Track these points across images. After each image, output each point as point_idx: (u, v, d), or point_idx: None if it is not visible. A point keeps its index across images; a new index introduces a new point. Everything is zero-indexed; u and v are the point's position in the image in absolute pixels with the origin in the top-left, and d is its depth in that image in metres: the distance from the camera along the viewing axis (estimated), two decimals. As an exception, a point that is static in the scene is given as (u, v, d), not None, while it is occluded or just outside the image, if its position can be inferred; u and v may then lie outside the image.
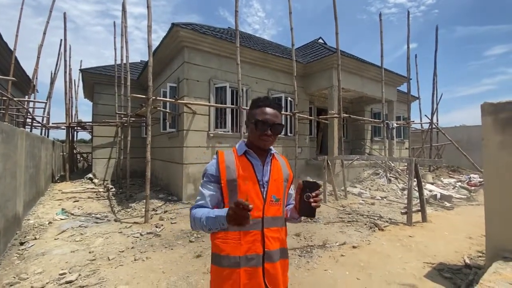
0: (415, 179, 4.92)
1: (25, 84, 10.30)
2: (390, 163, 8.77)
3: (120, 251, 3.38)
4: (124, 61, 7.78)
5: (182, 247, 3.59)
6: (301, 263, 3.09)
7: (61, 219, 4.84)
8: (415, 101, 12.90)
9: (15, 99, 6.74)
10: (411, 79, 10.35)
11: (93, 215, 5.14)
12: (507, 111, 2.37)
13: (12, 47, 6.97)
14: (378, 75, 9.14)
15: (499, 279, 1.83)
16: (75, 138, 13.16)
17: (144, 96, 5.19)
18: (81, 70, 10.20)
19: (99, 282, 2.61)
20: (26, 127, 8.44)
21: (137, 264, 3.04)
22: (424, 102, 21.70)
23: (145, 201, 4.83)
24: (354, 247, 3.56)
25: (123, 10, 7.33)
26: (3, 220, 3.28)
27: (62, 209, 5.43)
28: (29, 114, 8.29)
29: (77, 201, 6.35)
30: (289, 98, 8.40)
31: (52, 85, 10.32)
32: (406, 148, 12.50)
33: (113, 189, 7.93)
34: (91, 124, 10.33)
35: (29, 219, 4.67)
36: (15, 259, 3.10)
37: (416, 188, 5.01)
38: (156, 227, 4.40)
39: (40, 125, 9.57)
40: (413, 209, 4.72)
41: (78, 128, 12.16)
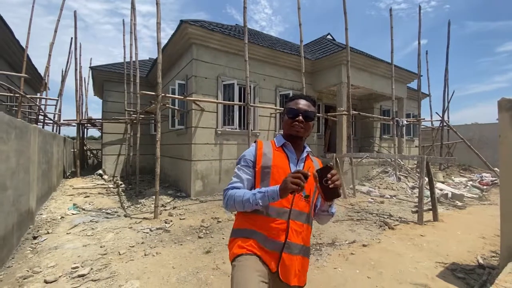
0: (426, 177, 4.83)
1: (37, 81, 10.49)
2: (400, 161, 8.64)
3: (130, 246, 3.42)
4: (133, 59, 7.85)
5: (191, 242, 3.62)
6: (311, 261, 3.05)
7: (73, 214, 4.94)
8: (425, 98, 12.65)
9: (27, 96, 6.88)
10: (422, 75, 10.14)
11: (103, 210, 5.23)
12: (526, 108, 2.30)
13: (24, 45, 7.10)
14: (388, 71, 8.98)
15: (517, 280, 1.78)
16: (85, 135, 13.37)
17: (153, 93, 5.23)
18: (91, 67, 10.37)
19: (110, 276, 2.65)
20: (38, 123, 8.59)
21: (147, 259, 3.08)
22: (434, 100, 21.28)
23: (154, 197, 4.87)
24: (364, 246, 3.52)
25: (132, 8, 7.36)
26: (17, 215, 3.35)
27: (74, 204, 5.54)
28: (41, 111, 8.44)
29: (88, 196, 6.46)
30: (297, 95, 8.31)
31: (63, 83, 10.48)
32: (416, 146, 12.29)
33: (123, 185, 8.04)
34: (101, 121, 10.48)
35: (42, 214, 4.77)
36: (29, 253, 3.17)
37: (427, 187, 4.92)
38: (166, 222, 4.45)
39: (51, 122, 9.73)
40: (424, 208, 4.64)
41: (88, 125, 12.37)
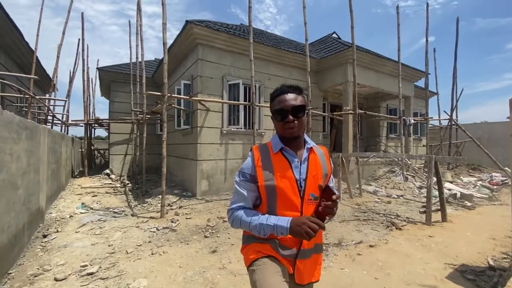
0: (434, 177, 4.75)
1: (45, 82, 10.68)
2: (407, 160, 8.53)
3: (137, 245, 3.46)
4: (139, 59, 7.91)
5: (197, 242, 3.64)
6: (317, 261, 3.05)
7: (81, 213, 5.01)
8: (433, 97, 12.47)
9: (36, 97, 7.00)
10: (430, 73, 9.99)
11: (111, 209, 5.29)
12: (539, 106, 2.24)
13: (33, 47, 7.22)
14: (395, 70, 8.87)
15: (530, 282, 1.74)
16: (92, 135, 13.56)
17: (159, 94, 5.27)
18: (98, 68, 10.51)
19: (118, 274, 2.68)
20: (47, 124, 8.75)
21: (154, 258, 3.11)
22: (442, 98, 20.96)
23: (160, 196, 4.91)
24: (371, 246, 3.49)
25: (138, 9, 7.43)
26: (27, 214, 3.42)
27: (82, 203, 5.62)
28: (50, 112, 8.58)
29: (96, 195, 6.56)
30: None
31: (71, 84, 10.66)
32: (423, 146, 12.11)
33: (130, 184, 8.12)
34: (108, 121, 10.62)
35: (51, 213, 4.85)
36: (39, 251, 3.23)
37: (435, 187, 4.84)
38: (172, 222, 4.48)
39: (60, 122, 9.89)
40: (432, 208, 4.57)
41: (96, 125, 12.53)
